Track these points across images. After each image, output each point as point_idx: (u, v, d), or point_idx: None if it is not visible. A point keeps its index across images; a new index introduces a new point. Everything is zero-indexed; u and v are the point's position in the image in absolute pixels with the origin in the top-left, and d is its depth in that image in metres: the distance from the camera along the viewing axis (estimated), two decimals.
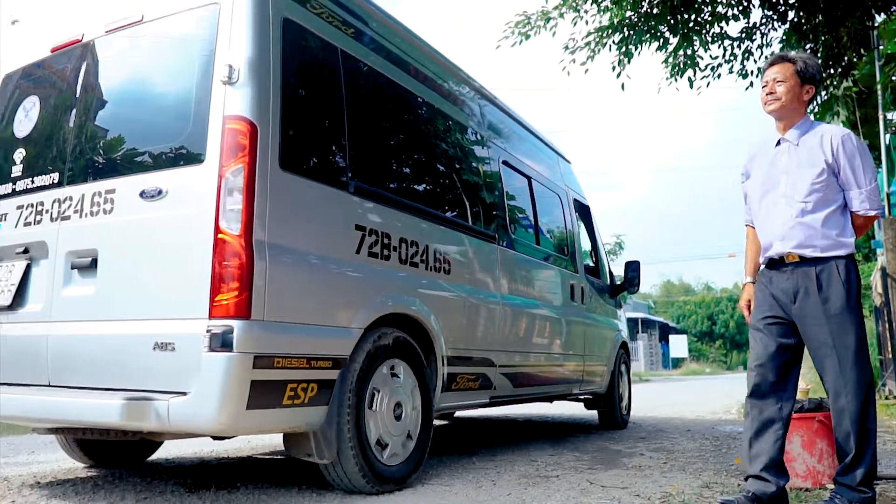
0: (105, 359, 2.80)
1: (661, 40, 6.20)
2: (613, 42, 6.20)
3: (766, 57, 6.67)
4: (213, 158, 2.66)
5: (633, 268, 6.48)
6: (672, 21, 5.98)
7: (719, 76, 6.59)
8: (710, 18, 6.18)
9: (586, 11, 6.23)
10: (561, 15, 6.25)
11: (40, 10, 3.94)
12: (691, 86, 6.48)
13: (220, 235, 2.57)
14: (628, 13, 6.02)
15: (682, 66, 6.34)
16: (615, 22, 6.09)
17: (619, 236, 24.39)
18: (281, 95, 2.80)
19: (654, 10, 5.91)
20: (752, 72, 6.66)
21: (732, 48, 6.47)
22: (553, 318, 5.11)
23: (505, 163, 4.74)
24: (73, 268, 2.96)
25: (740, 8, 6.19)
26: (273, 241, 2.67)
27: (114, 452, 3.88)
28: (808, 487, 3.15)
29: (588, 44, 6.29)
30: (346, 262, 3.06)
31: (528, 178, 5.12)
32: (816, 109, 8.57)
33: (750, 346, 2.83)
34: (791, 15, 6.27)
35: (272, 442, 5.05)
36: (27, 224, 3.17)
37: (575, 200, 6.08)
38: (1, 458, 4.50)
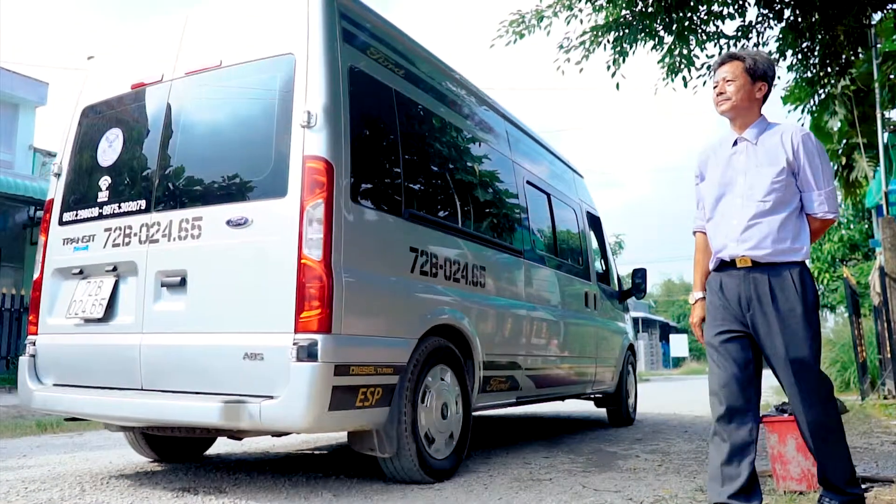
0: (197, 366, 3.15)
1: (657, 39, 6.15)
2: (608, 41, 6.15)
3: None
4: (295, 193, 3.01)
5: (639, 275, 6.90)
6: (667, 20, 5.93)
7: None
8: (705, 17, 6.13)
9: (581, 10, 6.18)
10: (555, 14, 6.20)
11: (116, 47, 4.21)
12: (685, 85, 6.44)
13: (303, 261, 2.94)
14: (623, 12, 5.98)
15: (677, 65, 6.29)
16: (610, 20, 6.05)
17: (618, 236, 24.37)
18: (350, 136, 3.19)
19: (649, 9, 5.87)
20: None
21: (728, 47, 6.41)
22: (571, 323, 5.49)
23: (528, 182, 5.14)
24: (163, 285, 3.31)
25: (736, 6, 6.14)
26: (347, 264, 3.05)
27: (175, 448, 4.23)
28: (802, 490, 3.11)
29: (583, 43, 6.24)
30: (403, 281, 3.46)
31: (548, 195, 5.51)
32: (814, 108, 8.54)
33: (709, 365, 2.62)
34: (787, 13, 6.22)
35: (311, 439, 5.34)
36: (115, 245, 3.51)
37: (587, 212, 6.51)
38: None
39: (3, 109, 13.46)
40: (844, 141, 9.60)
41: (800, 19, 6.14)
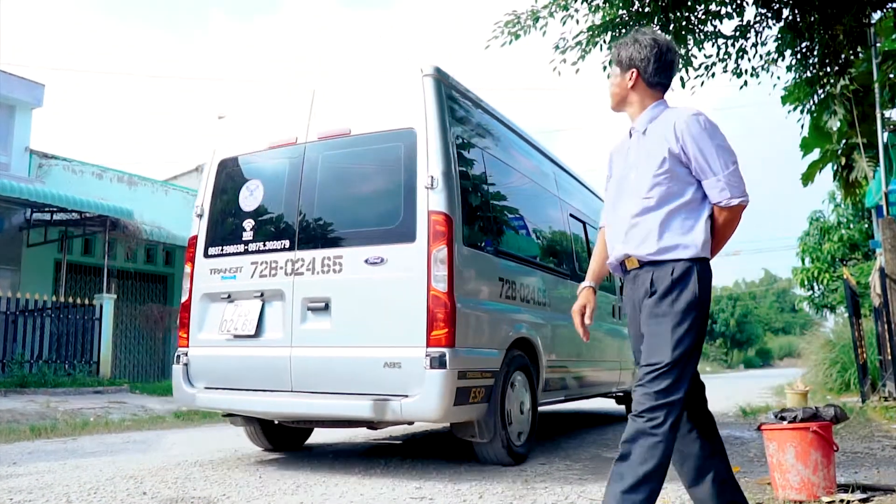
0: (344, 373, 3.95)
1: None
2: (605, 41, 6.08)
3: (760, 56, 6.58)
4: (423, 239, 3.84)
5: None
6: (664, 19, 5.87)
7: (713, 75, 6.47)
8: (703, 17, 6.06)
9: (577, 10, 6.11)
10: (551, 14, 6.12)
11: (243, 109, 5.03)
12: (683, 86, 6.38)
13: (432, 292, 3.77)
14: (620, 12, 5.92)
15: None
16: (606, 20, 5.98)
17: None
18: (460, 194, 4.01)
19: (646, 9, 5.81)
20: (746, 70, 6.55)
21: (726, 47, 6.35)
22: (603, 333, 6.40)
23: (571, 215, 6.13)
24: (308, 309, 4.10)
25: (734, 6, 6.08)
26: (461, 294, 3.89)
27: (284, 439, 5.08)
28: (802, 500, 3.06)
29: (579, 43, 6.17)
30: (495, 304, 4.32)
31: (583, 223, 6.43)
32: (813, 108, 8.47)
33: None
34: (786, 12, 6.15)
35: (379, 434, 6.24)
36: (263, 276, 4.28)
37: None
38: None
39: None
40: (844, 141, 9.55)
41: (798, 19, 6.08)
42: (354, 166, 4.27)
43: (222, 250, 4.52)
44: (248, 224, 4.44)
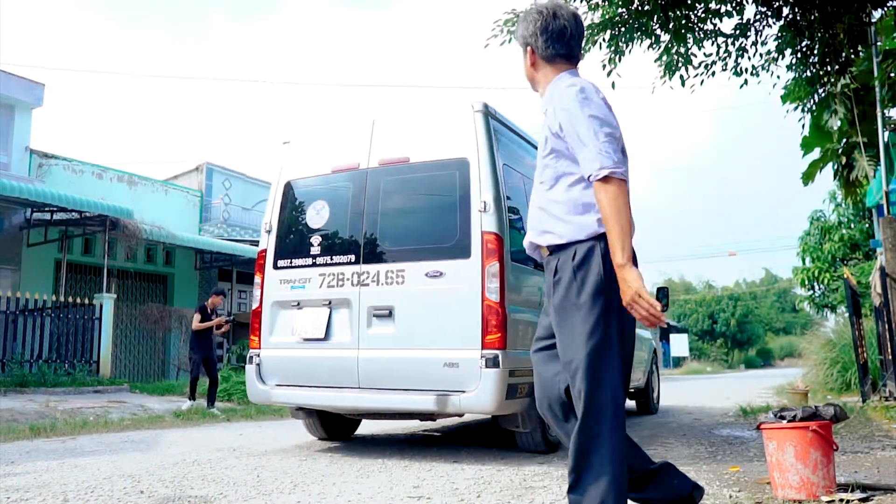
0: (407, 372, 4.49)
1: (653, 38, 6.06)
2: (604, 40, 6.06)
3: (760, 55, 6.55)
4: (477, 256, 4.38)
5: (663, 293, 8.26)
6: (664, 18, 5.84)
7: (713, 74, 6.45)
8: (703, 15, 6.03)
9: (576, 9, 6.08)
10: None
11: (306, 137, 5.51)
12: (683, 84, 6.35)
13: (486, 302, 4.29)
14: (619, 10, 5.89)
15: (675, 64, 6.20)
16: (605, 19, 5.96)
17: None
18: (506, 216, 4.56)
19: (646, 7, 5.78)
20: (746, 69, 6.53)
21: (726, 45, 6.33)
22: None
23: None
24: (374, 316, 4.63)
25: (734, 4, 6.05)
26: (510, 303, 4.38)
27: (337, 429, 5.68)
28: (801, 499, 3.04)
29: None
30: (534, 311, 4.69)
31: None
32: (813, 106, 8.44)
33: None
34: (786, 11, 6.13)
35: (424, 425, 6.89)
36: (331, 286, 4.82)
37: None
38: None
39: None
40: (844, 140, 9.52)
41: (799, 17, 6.05)
42: (413, 190, 4.84)
43: (291, 263, 5.06)
44: (316, 240, 4.99)
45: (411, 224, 4.76)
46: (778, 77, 7.18)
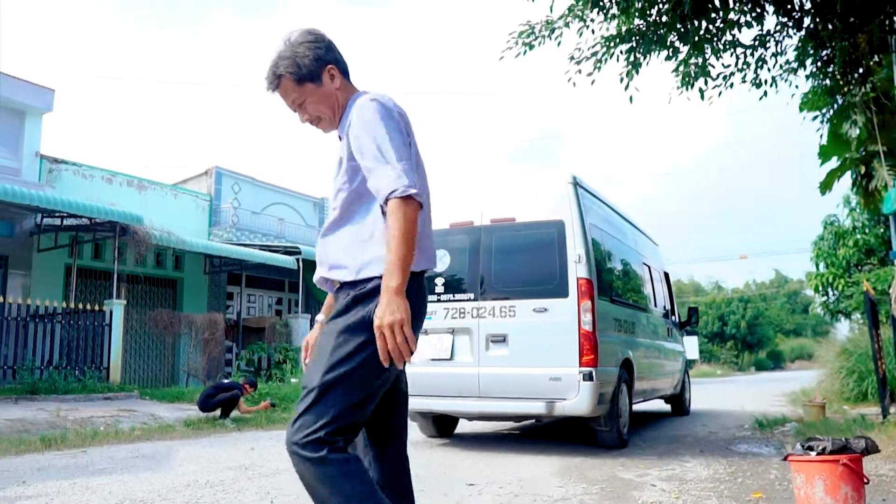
0: (519, 384, 5.70)
1: (671, 49, 5.95)
2: (621, 52, 5.96)
3: (780, 65, 6.44)
4: (573, 296, 5.63)
5: (693, 312, 9.90)
6: (682, 29, 5.73)
7: (731, 85, 6.34)
8: (722, 26, 5.92)
9: (592, 20, 6.00)
10: (566, 24, 6.01)
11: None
12: (702, 97, 6.25)
13: (582, 331, 5.55)
14: (636, 21, 5.79)
15: (692, 75, 6.09)
16: (622, 30, 5.86)
17: None
18: (596, 264, 5.85)
19: (664, 18, 5.68)
20: (765, 81, 6.41)
21: (745, 56, 6.21)
22: (666, 349, 8.55)
23: (644, 263, 8.13)
24: (491, 341, 5.85)
25: (754, 14, 5.93)
26: (599, 331, 5.65)
27: (443, 427, 7.00)
28: None
29: (594, 53, 6.06)
30: (614, 335, 6.18)
31: (649, 267, 8.43)
32: (830, 115, 8.31)
33: None
34: (807, 21, 6.01)
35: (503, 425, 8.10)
36: (454, 318, 6.03)
37: (664, 272, 9.54)
38: None
39: (10, 116, 13.39)
40: (863, 149, 9.37)
41: (820, 27, 5.93)
42: (519, 243, 5.99)
43: None
44: (440, 281, 6.18)
45: (519, 270, 5.92)
46: (797, 87, 7.06)
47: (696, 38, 5.86)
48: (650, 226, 9.36)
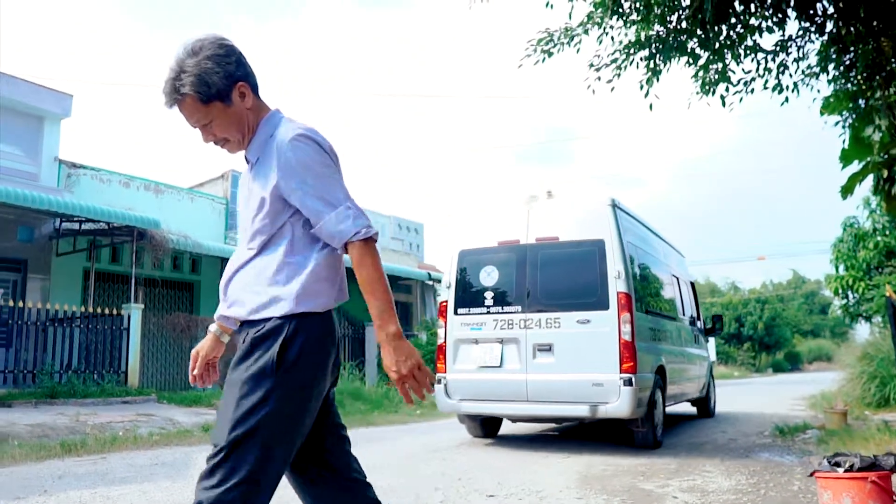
0: (564, 389, 6.18)
1: (691, 55, 5.89)
2: (641, 58, 5.91)
3: (802, 71, 6.35)
4: (613, 308, 6.10)
5: (717, 319, 10.34)
6: (703, 36, 5.67)
7: (752, 91, 6.27)
8: (742, 31, 5.85)
9: (612, 27, 5.95)
10: (586, 32, 5.97)
11: (477, 215, 7.51)
12: (724, 104, 6.18)
13: (622, 341, 6.01)
14: (656, 27, 5.74)
15: (713, 81, 6.03)
16: (642, 37, 5.81)
17: None
18: (633, 278, 6.38)
19: (684, 24, 5.62)
20: (787, 87, 6.33)
21: (766, 62, 6.14)
22: (694, 354, 9.03)
23: (672, 275, 8.62)
24: (538, 350, 6.34)
25: (775, 20, 5.86)
26: (637, 340, 6.10)
27: (489, 429, 7.47)
28: None
29: (614, 60, 6.01)
30: (649, 344, 6.63)
31: (677, 279, 8.94)
32: (850, 120, 8.18)
33: None
34: (829, 26, 5.93)
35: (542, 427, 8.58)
36: (502, 328, 6.52)
37: (690, 281, 10.00)
38: (12, 497, 4.39)
39: (29, 122, 13.53)
40: (886, 153, 9.22)
41: (843, 32, 5.84)
42: (563, 260, 6.49)
43: (469, 311, 6.75)
44: (489, 294, 6.67)
45: (562, 285, 6.43)
46: (818, 91, 6.97)
47: (717, 45, 5.79)
48: (664, 227, 9.40)
